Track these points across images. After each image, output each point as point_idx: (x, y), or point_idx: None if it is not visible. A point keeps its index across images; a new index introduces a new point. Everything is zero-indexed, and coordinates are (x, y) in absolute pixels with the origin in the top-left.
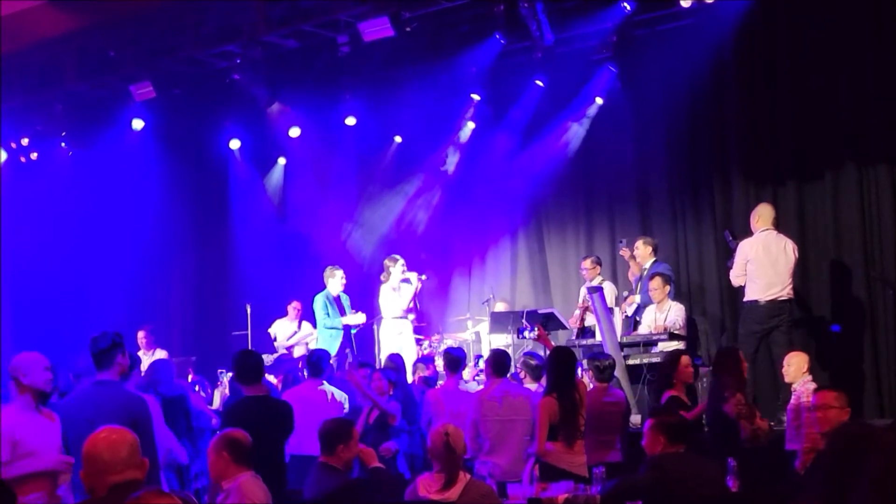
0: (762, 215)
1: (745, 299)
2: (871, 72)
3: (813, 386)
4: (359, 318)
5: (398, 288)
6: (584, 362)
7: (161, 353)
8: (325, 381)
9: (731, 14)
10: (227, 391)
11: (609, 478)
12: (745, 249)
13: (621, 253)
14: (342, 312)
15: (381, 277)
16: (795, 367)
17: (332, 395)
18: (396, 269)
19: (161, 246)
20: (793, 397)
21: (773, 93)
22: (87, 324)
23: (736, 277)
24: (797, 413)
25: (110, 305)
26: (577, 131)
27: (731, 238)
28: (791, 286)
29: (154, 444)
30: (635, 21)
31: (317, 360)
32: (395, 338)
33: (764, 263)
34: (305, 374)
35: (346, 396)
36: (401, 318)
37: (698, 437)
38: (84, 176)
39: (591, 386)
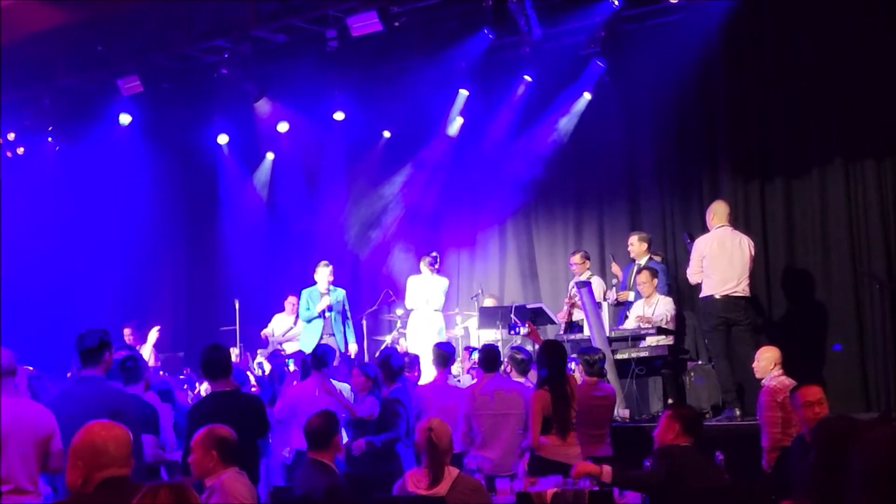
0: (717, 212)
1: (700, 295)
2: (859, 67)
3: (783, 380)
4: (324, 302)
5: (426, 282)
6: (576, 356)
7: (148, 349)
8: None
9: (719, 10)
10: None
11: None
12: (701, 246)
13: (612, 269)
14: None
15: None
16: (766, 362)
17: (340, 390)
18: (423, 264)
19: (149, 241)
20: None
21: (761, 88)
22: (76, 319)
23: (692, 275)
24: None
25: (99, 301)
26: (565, 126)
27: (689, 240)
28: (747, 283)
29: (139, 442)
30: (624, 16)
31: (322, 354)
32: (423, 330)
33: (719, 259)
34: (292, 368)
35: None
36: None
37: None
38: (71, 171)
39: (581, 380)
